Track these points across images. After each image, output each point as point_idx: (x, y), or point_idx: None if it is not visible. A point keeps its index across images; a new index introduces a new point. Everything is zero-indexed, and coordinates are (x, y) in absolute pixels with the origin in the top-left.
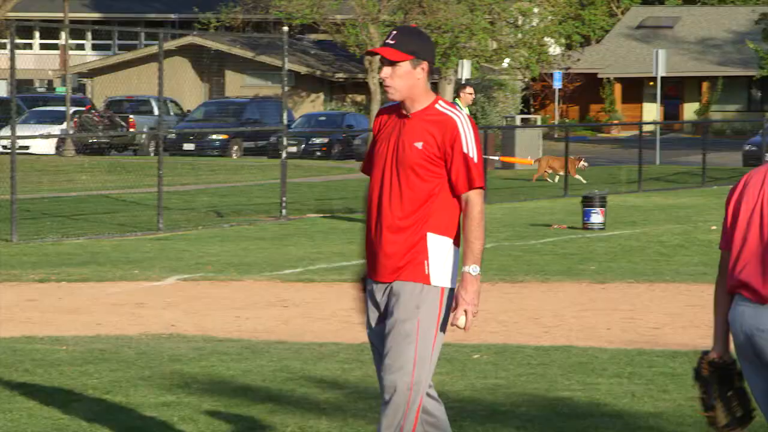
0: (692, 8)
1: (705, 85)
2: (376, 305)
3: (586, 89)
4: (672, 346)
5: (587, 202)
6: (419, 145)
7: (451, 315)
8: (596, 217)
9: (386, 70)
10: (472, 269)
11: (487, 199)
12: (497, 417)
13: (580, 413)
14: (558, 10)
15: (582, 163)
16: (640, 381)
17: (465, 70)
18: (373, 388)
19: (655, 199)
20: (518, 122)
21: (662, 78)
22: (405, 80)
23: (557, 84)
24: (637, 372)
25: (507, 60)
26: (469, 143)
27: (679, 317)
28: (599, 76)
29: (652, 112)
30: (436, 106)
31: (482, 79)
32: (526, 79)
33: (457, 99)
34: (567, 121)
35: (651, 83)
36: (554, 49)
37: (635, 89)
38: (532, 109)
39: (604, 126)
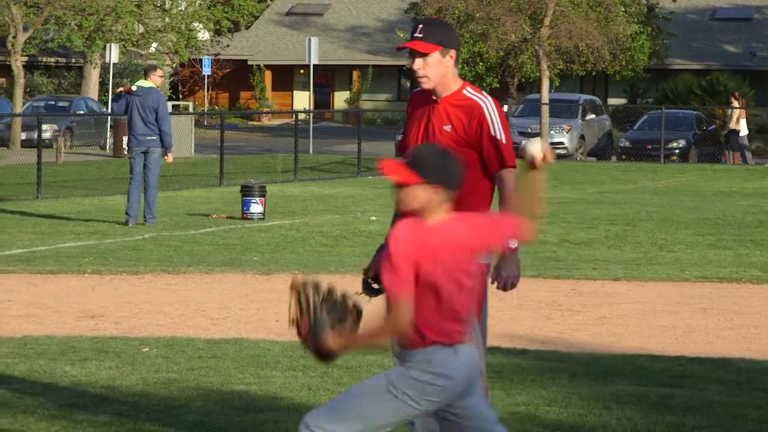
0: None
1: (355, 74)
2: None
3: (236, 76)
4: None
5: (246, 191)
6: (448, 128)
7: (498, 281)
8: (256, 207)
9: (418, 62)
10: (512, 243)
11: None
12: (173, 412)
13: (257, 407)
14: None
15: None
16: (315, 374)
17: (112, 54)
18: (40, 383)
19: (312, 188)
20: (169, 109)
21: (313, 66)
22: (437, 69)
23: (206, 70)
24: (311, 364)
25: (155, 44)
26: (495, 125)
27: None
28: (249, 62)
29: (302, 99)
30: (464, 91)
31: (129, 64)
32: (175, 65)
33: (147, 80)
34: (217, 108)
35: (302, 71)
36: (203, 35)
37: (285, 77)
38: (181, 96)
39: (254, 114)
